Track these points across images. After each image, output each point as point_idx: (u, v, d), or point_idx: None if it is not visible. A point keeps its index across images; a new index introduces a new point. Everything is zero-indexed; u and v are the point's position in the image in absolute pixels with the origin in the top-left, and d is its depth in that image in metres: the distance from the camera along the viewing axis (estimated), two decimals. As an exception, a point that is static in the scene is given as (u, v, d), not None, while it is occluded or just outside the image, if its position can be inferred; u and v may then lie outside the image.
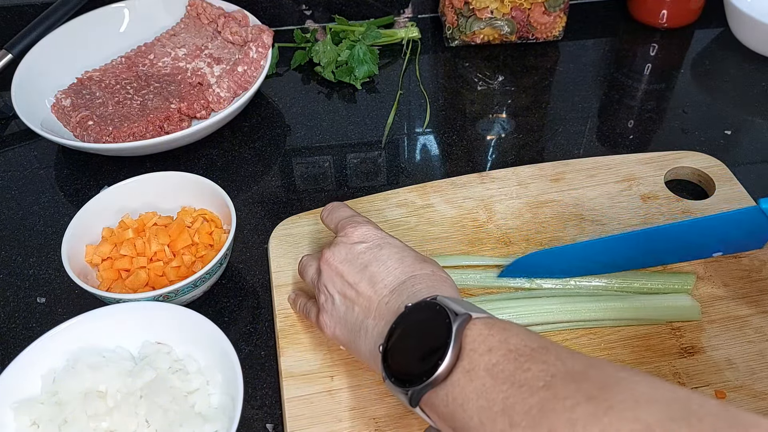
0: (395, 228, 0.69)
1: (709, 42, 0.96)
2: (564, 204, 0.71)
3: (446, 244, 0.67)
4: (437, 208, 0.71)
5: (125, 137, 0.77)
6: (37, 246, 0.72)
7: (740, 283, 0.63)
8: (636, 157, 0.75)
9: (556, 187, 0.72)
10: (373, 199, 0.72)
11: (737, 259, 0.65)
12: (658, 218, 0.69)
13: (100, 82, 0.85)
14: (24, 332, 0.64)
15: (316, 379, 0.58)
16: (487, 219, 0.70)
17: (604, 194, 0.72)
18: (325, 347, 0.60)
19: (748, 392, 0.56)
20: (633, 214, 0.70)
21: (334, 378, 0.58)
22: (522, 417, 0.37)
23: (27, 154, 0.82)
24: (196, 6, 0.92)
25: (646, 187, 0.72)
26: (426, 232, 0.68)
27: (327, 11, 0.98)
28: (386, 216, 0.70)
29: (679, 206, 0.70)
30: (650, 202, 0.71)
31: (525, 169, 0.74)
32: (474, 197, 0.72)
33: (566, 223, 0.69)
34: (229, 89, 0.82)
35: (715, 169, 0.74)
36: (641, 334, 0.60)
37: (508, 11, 0.91)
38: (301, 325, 0.61)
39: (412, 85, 0.90)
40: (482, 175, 0.74)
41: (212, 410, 0.54)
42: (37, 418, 0.53)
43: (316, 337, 0.60)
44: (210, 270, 0.61)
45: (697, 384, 0.57)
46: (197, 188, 0.68)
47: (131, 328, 0.58)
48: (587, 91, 0.89)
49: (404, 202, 0.71)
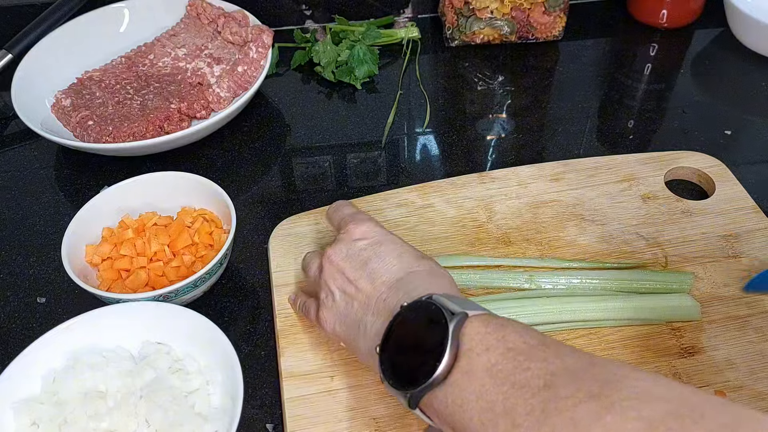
0: (395, 228, 0.68)
1: (709, 42, 0.96)
2: (564, 204, 0.71)
3: (446, 244, 0.67)
4: (437, 208, 0.71)
5: (125, 137, 0.77)
6: (37, 246, 0.72)
7: (740, 284, 0.63)
8: (636, 157, 0.75)
9: (556, 187, 0.72)
10: (372, 199, 0.72)
11: (737, 259, 0.65)
12: (658, 218, 0.69)
13: (100, 82, 0.85)
14: (24, 332, 0.64)
15: (316, 379, 0.58)
16: (487, 219, 0.70)
17: (604, 194, 0.72)
18: (325, 347, 0.60)
19: (748, 392, 0.56)
20: (633, 214, 0.70)
21: (334, 378, 0.58)
22: (524, 418, 0.37)
23: (27, 154, 0.82)
24: (196, 6, 0.92)
25: (647, 187, 0.72)
26: (426, 232, 0.68)
27: (327, 11, 0.98)
28: (386, 216, 0.70)
29: (679, 206, 0.70)
30: (650, 202, 0.71)
31: (525, 169, 0.74)
32: (474, 197, 0.72)
33: (566, 223, 0.69)
34: (229, 89, 0.82)
35: (715, 169, 0.74)
36: (641, 335, 0.60)
37: (508, 11, 0.91)
38: (302, 325, 0.61)
39: (412, 85, 0.90)
40: (482, 175, 0.74)
41: (212, 410, 0.54)
42: (37, 418, 0.53)
43: (316, 337, 0.60)
44: (210, 270, 0.61)
45: (697, 384, 0.56)
46: (197, 188, 0.68)
47: (131, 328, 0.58)
48: (587, 91, 0.89)
49: (404, 202, 0.71)
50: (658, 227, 0.68)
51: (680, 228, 0.68)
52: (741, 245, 0.67)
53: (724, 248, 0.66)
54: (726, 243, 0.67)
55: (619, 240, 0.67)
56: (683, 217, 0.69)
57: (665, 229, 0.68)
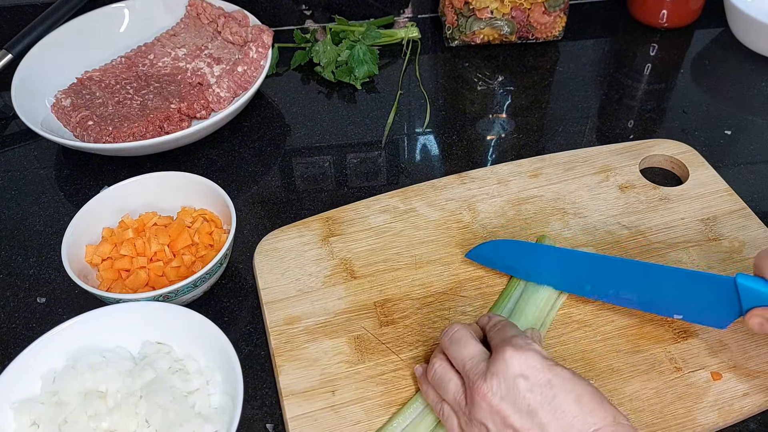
0: (382, 235, 0.68)
1: (709, 42, 0.96)
2: (545, 199, 0.72)
3: (434, 247, 0.67)
4: (420, 211, 0.71)
5: (125, 137, 0.77)
6: (37, 246, 0.72)
7: (723, 264, 0.65)
8: (609, 148, 0.77)
9: (535, 182, 0.73)
10: (356, 206, 0.71)
11: (717, 242, 0.67)
12: (637, 207, 0.70)
13: (100, 82, 0.85)
14: (24, 332, 0.64)
15: (317, 395, 0.57)
16: (472, 219, 0.70)
17: (583, 187, 0.73)
18: (323, 361, 0.59)
19: (742, 371, 0.58)
20: (613, 205, 0.71)
21: (335, 392, 0.57)
22: None
23: (27, 154, 0.82)
24: (196, 6, 0.92)
25: (623, 176, 0.74)
26: (412, 237, 0.68)
27: (327, 11, 0.98)
28: (370, 223, 0.70)
29: (656, 194, 0.72)
30: (628, 191, 0.72)
31: (503, 167, 0.75)
32: (456, 198, 0.72)
33: (550, 218, 0.70)
34: (229, 89, 0.82)
35: (688, 155, 0.75)
36: (635, 323, 0.61)
37: (508, 11, 0.91)
38: (297, 341, 0.60)
39: (412, 85, 0.90)
40: (462, 176, 0.74)
41: (212, 410, 0.54)
42: (37, 418, 0.53)
43: (312, 352, 0.60)
44: (210, 270, 0.61)
45: (693, 367, 0.58)
46: (197, 188, 0.68)
47: (131, 328, 0.58)
48: (587, 91, 0.89)
49: (387, 208, 0.71)
50: (639, 215, 0.70)
51: (660, 215, 0.70)
52: (719, 227, 0.68)
53: (703, 231, 0.68)
54: (705, 226, 0.69)
55: (603, 231, 0.68)
56: (661, 204, 0.71)
57: (645, 217, 0.70)
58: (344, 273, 0.65)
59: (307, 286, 0.64)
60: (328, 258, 0.66)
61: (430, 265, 0.66)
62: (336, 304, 0.63)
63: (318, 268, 0.66)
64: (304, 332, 0.61)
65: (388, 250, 0.67)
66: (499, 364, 0.47)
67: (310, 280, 0.65)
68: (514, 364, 0.46)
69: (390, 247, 0.67)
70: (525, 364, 0.46)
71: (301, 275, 0.65)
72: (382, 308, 0.62)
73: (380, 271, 0.65)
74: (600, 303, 0.62)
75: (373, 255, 0.67)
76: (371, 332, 0.61)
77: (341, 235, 0.68)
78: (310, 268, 0.66)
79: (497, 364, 0.47)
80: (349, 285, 0.64)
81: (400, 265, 0.66)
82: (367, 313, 0.62)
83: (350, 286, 0.64)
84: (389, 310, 0.62)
